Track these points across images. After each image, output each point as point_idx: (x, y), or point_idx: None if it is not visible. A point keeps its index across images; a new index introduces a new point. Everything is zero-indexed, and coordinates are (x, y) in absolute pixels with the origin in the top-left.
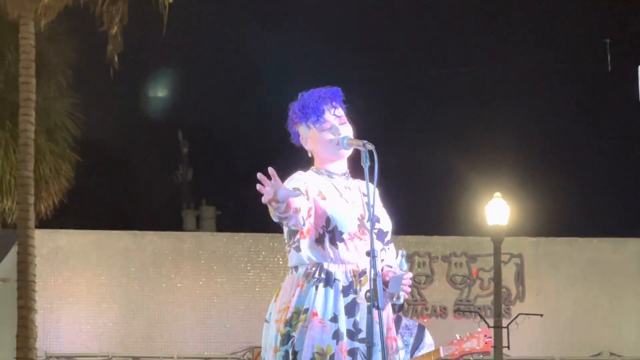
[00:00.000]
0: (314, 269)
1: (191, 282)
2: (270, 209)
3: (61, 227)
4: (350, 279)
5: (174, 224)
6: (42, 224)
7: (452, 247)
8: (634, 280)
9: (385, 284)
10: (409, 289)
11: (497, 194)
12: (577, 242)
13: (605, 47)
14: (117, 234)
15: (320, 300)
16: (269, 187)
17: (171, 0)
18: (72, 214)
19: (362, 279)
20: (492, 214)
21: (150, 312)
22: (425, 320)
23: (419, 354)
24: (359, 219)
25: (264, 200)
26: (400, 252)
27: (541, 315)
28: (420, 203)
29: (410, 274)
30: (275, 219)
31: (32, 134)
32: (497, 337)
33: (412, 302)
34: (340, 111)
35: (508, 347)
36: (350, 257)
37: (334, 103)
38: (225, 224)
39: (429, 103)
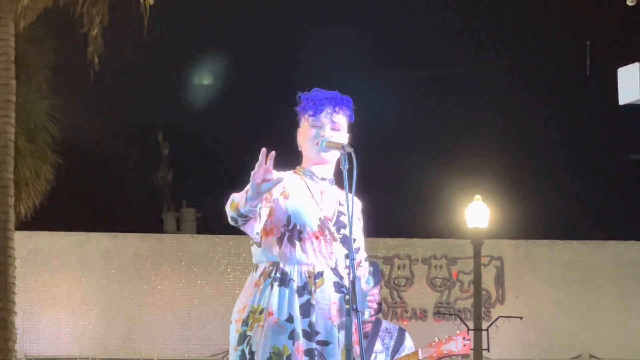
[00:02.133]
0: (270, 267)
1: (171, 284)
2: (238, 200)
3: (41, 229)
4: (305, 280)
5: (154, 226)
6: (22, 225)
7: (432, 250)
8: (613, 282)
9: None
10: (375, 305)
11: (477, 196)
12: (557, 245)
13: (585, 50)
14: (97, 235)
15: (276, 299)
16: (262, 169)
17: (152, 2)
18: (52, 215)
19: (317, 280)
20: (472, 217)
21: (130, 314)
22: (405, 322)
23: (398, 357)
24: (321, 219)
25: (255, 177)
26: (368, 268)
27: (521, 317)
28: (401, 206)
29: (377, 290)
30: (231, 215)
31: (12, 135)
32: (477, 340)
33: (392, 304)
34: (339, 118)
35: (488, 349)
36: (305, 257)
37: (337, 109)
38: (205, 226)
39: (409, 105)
